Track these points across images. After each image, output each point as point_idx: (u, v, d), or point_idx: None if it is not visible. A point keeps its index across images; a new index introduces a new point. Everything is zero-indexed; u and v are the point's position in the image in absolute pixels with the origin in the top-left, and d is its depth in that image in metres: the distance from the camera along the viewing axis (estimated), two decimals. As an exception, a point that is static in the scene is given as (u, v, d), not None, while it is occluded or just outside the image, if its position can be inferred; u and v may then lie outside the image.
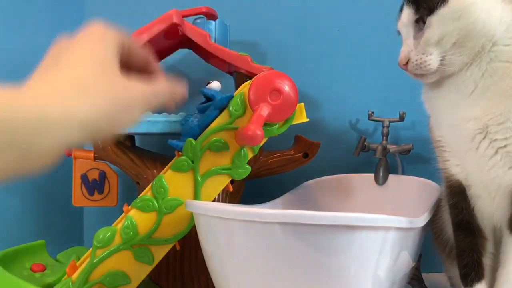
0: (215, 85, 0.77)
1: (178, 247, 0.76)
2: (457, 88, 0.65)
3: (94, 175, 0.87)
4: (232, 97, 0.75)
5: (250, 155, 0.76)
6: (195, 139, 0.74)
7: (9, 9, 0.98)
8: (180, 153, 0.75)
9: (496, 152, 0.65)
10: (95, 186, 0.87)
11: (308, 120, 0.79)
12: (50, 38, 1.03)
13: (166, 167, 0.75)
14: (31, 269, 0.80)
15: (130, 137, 0.91)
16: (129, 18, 1.04)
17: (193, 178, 0.74)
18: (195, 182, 0.74)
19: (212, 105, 0.75)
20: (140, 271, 0.73)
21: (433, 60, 0.65)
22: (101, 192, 0.88)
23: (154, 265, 0.74)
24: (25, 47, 1.00)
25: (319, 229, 0.57)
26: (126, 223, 0.72)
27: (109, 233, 0.72)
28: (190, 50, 0.97)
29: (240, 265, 0.62)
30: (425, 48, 0.65)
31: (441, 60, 0.64)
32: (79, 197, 0.87)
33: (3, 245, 0.85)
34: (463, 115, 0.66)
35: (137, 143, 0.95)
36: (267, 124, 0.75)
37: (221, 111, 0.75)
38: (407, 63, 0.67)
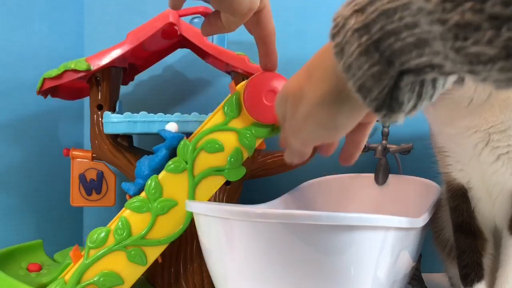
0: (171, 126, 0.77)
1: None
2: (454, 101, 0.65)
3: (92, 175, 0.87)
4: (182, 137, 0.75)
5: (245, 156, 0.75)
6: (146, 180, 0.74)
7: (9, 9, 0.98)
8: (130, 196, 0.75)
9: (498, 158, 0.66)
10: (93, 186, 0.87)
11: (304, 121, 0.78)
12: (50, 38, 1.05)
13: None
14: (27, 269, 0.81)
15: (128, 137, 0.91)
16: (129, 18, 1.05)
17: (187, 179, 0.73)
18: (189, 183, 0.73)
19: (163, 146, 0.75)
20: (133, 272, 0.73)
21: None
22: (98, 192, 0.88)
23: (147, 266, 0.74)
24: (25, 47, 1.00)
25: (319, 229, 0.56)
26: (119, 223, 0.72)
27: (102, 234, 0.72)
28: (189, 50, 0.97)
29: (240, 265, 0.62)
30: None
31: None
32: (77, 197, 0.87)
33: (2, 245, 0.86)
34: (463, 124, 0.67)
35: (135, 144, 0.95)
36: (262, 125, 0.74)
37: (170, 151, 0.75)
38: None
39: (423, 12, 0.30)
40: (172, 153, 0.75)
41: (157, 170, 0.74)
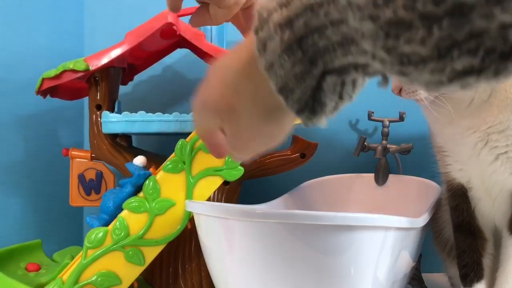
0: (138, 160, 0.77)
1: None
2: (454, 102, 0.65)
3: (91, 175, 0.87)
4: (149, 174, 0.74)
5: (243, 157, 0.75)
6: (110, 215, 0.74)
7: (9, 9, 0.98)
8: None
9: (497, 158, 0.67)
10: (92, 186, 0.87)
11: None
12: (50, 38, 1.05)
13: (158, 168, 0.75)
14: (26, 269, 0.81)
15: (127, 137, 0.91)
16: (128, 18, 1.05)
17: (185, 179, 0.74)
18: (187, 183, 0.73)
19: (129, 182, 0.74)
20: (131, 272, 0.73)
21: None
22: (98, 192, 0.88)
23: (145, 266, 0.74)
24: (25, 47, 1.00)
25: (319, 229, 0.57)
26: (117, 224, 0.72)
27: (100, 234, 0.72)
28: (189, 50, 0.97)
29: (240, 265, 0.62)
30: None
31: None
32: (76, 197, 0.87)
33: (1, 244, 0.86)
34: (462, 124, 0.67)
35: (134, 144, 0.95)
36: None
37: (136, 188, 0.74)
38: (400, 90, 0.68)
39: (352, 7, 0.28)
40: (138, 190, 0.75)
41: (121, 205, 0.74)
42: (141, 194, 0.73)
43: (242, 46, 0.42)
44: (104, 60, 0.80)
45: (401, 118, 0.98)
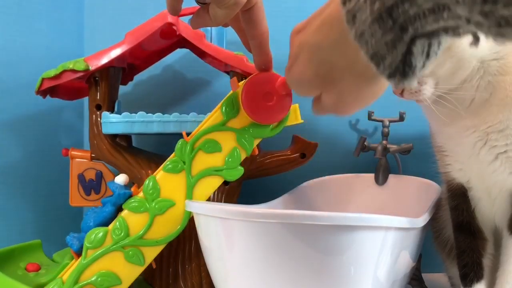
0: (120, 179, 0.77)
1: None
2: (455, 102, 0.65)
3: (90, 175, 0.87)
4: (129, 194, 0.75)
5: (243, 157, 0.75)
6: None
7: (9, 9, 0.98)
8: (76, 254, 0.74)
9: (496, 157, 0.67)
10: (91, 186, 0.87)
11: (302, 121, 0.78)
12: (50, 38, 1.05)
13: (159, 168, 0.75)
14: (25, 269, 0.81)
15: (126, 137, 0.91)
16: (129, 18, 1.05)
17: (185, 179, 0.73)
18: (187, 183, 0.73)
19: (109, 201, 0.75)
20: (131, 272, 0.73)
21: (427, 89, 0.65)
22: (97, 192, 0.88)
23: (145, 266, 0.73)
24: (25, 47, 1.00)
25: (319, 229, 0.56)
26: (117, 224, 0.72)
27: (100, 234, 0.72)
28: (189, 50, 0.97)
29: (240, 265, 0.62)
30: (418, 78, 0.65)
31: (436, 87, 0.65)
32: (76, 197, 0.87)
33: (1, 244, 0.86)
34: (462, 124, 0.67)
35: (134, 144, 0.95)
36: (260, 126, 0.74)
37: (116, 207, 0.74)
38: (402, 91, 0.67)
39: None
40: (120, 209, 0.75)
41: (103, 225, 0.74)
42: (141, 194, 0.73)
43: (324, 22, 0.44)
44: (104, 60, 0.80)
45: (401, 118, 0.98)
